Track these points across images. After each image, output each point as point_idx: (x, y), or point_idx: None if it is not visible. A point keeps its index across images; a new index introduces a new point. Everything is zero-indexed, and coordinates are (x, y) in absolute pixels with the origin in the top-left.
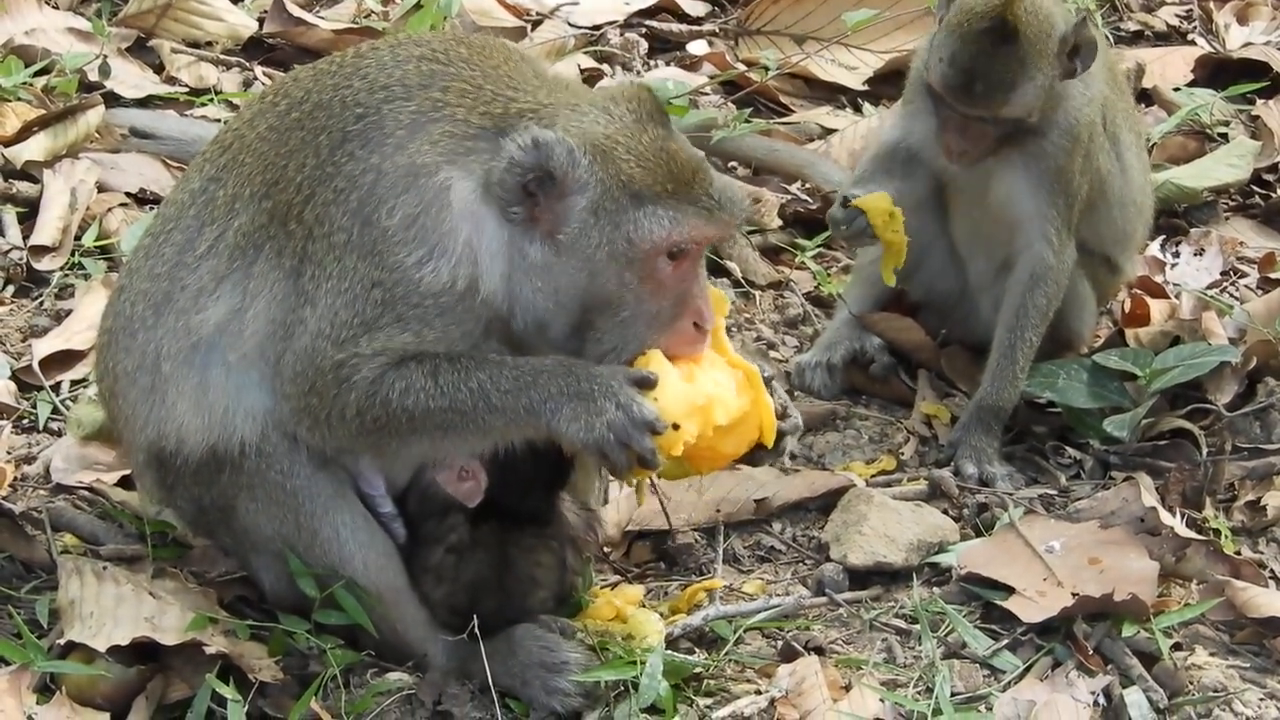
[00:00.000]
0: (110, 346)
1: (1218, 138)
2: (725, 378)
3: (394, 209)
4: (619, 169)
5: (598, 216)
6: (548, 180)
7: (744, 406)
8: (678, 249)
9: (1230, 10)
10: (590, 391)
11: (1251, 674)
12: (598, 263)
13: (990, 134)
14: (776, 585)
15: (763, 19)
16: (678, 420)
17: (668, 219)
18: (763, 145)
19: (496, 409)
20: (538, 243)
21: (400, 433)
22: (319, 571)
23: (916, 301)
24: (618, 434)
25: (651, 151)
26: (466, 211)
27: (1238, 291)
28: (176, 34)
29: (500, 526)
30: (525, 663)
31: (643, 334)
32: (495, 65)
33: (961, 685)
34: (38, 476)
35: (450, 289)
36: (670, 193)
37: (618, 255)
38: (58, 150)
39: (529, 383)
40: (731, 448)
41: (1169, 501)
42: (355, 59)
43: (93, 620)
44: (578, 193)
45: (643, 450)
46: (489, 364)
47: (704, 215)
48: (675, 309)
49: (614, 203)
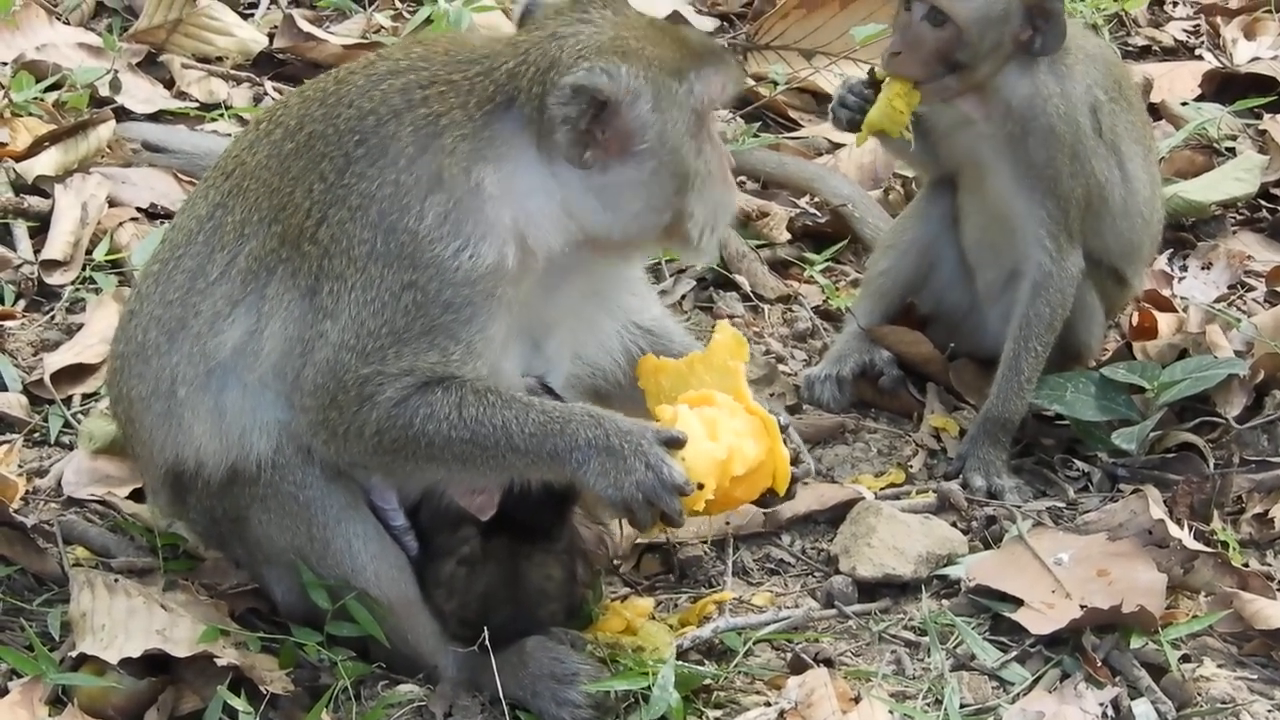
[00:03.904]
0: (123, 371)
1: (1225, 152)
2: (744, 426)
3: (423, 212)
4: (647, 58)
5: (661, 108)
6: (601, 111)
7: (759, 455)
8: (720, 101)
9: (1238, 25)
10: (620, 449)
11: (1259, 685)
12: (680, 145)
13: (928, 40)
14: (786, 597)
15: (771, 34)
16: (703, 479)
17: (712, 73)
18: (771, 159)
19: (519, 450)
20: (614, 168)
21: (417, 458)
22: (331, 583)
23: (925, 315)
24: (646, 494)
25: (652, 31)
26: (508, 194)
27: (1245, 305)
28: (187, 49)
29: (512, 540)
30: (536, 674)
31: (720, 191)
32: (445, 51)
33: (970, 697)
34: (49, 490)
35: (496, 269)
36: (693, 54)
37: (690, 129)
38: (69, 165)
39: (557, 429)
40: (743, 493)
41: (1177, 514)
42: (336, 87)
43: (104, 632)
44: (635, 101)
45: (670, 510)
46: (516, 404)
47: (724, 64)
48: (724, 159)
49: (665, 88)
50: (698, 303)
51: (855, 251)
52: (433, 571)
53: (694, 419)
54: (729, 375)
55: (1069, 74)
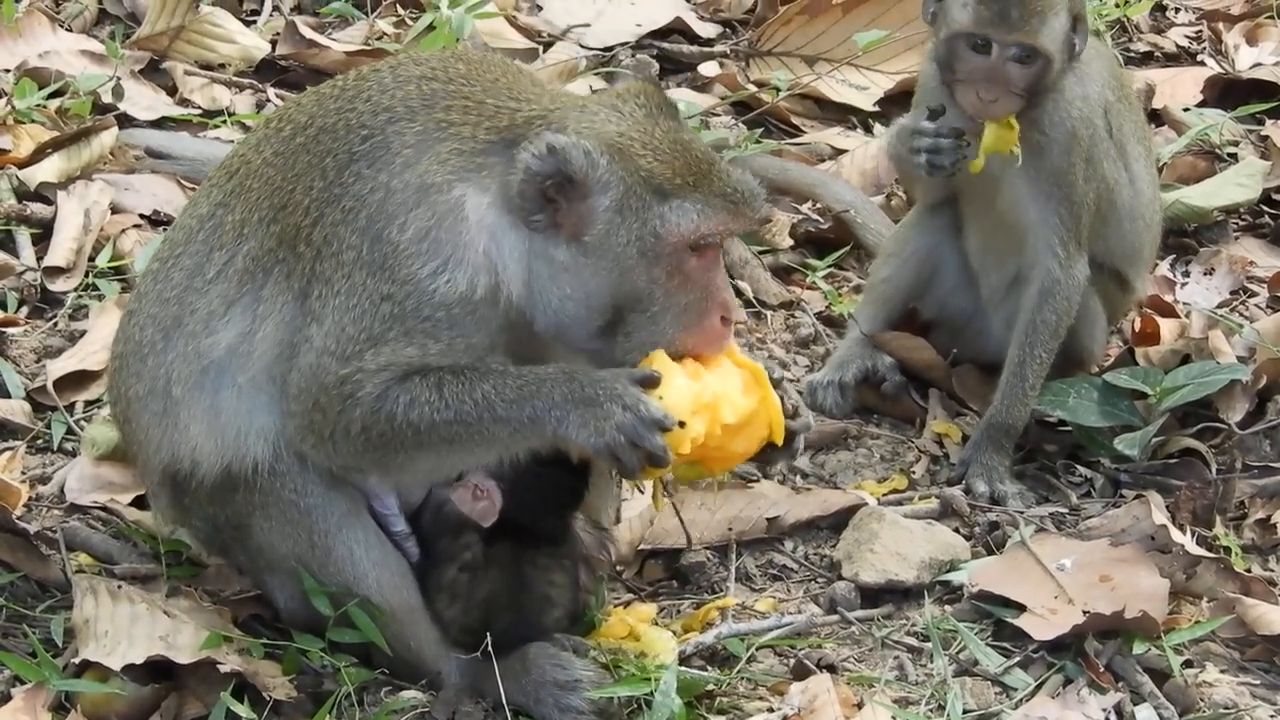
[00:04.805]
0: (121, 371)
1: (1227, 158)
2: (732, 376)
3: (405, 224)
4: (638, 165)
5: (623, 214)
6: (567, 184)
7: (752, 405)
8: (704, 241)
9: (1239, 31)
10: (595, 396)
11: (1262, 691)
12: (627, 260)
13: (1017, 78)
14: (789, 603)
15: (774, 40)
16: (685, 417)
17: (694, 211)
18: (774, 166)
19: (502, 419)
20: (563, 246)
21: (406, 448)
22: (333, 590)
23: (928, 320)
24: (627, 434)
25: (667, 144)
26: (483, 223)
27: (1248, 310)
28: (189, 56)
29: (514, 545)
30: (538, 681)
31: (672, 328)
32: (494, 79)
33: (973, 703)
34: (52, 496)
35: (467, 298)
36: (692, 185)
37: (646, 251)
38: (71, 172)
39: (533, 392)
40: (742, 446)
41: (1179, 519)
42: (357, 81)
43: (107, 639)
44: (600, 193)
45: (653, 448)
46: (493, 374)
47: (728, 207)
48: (702, 302)
49: (638, 199)
50: None
51: (858, 257)
52: (434, 577)
53: (670, 362)
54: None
55: (1088, 76)
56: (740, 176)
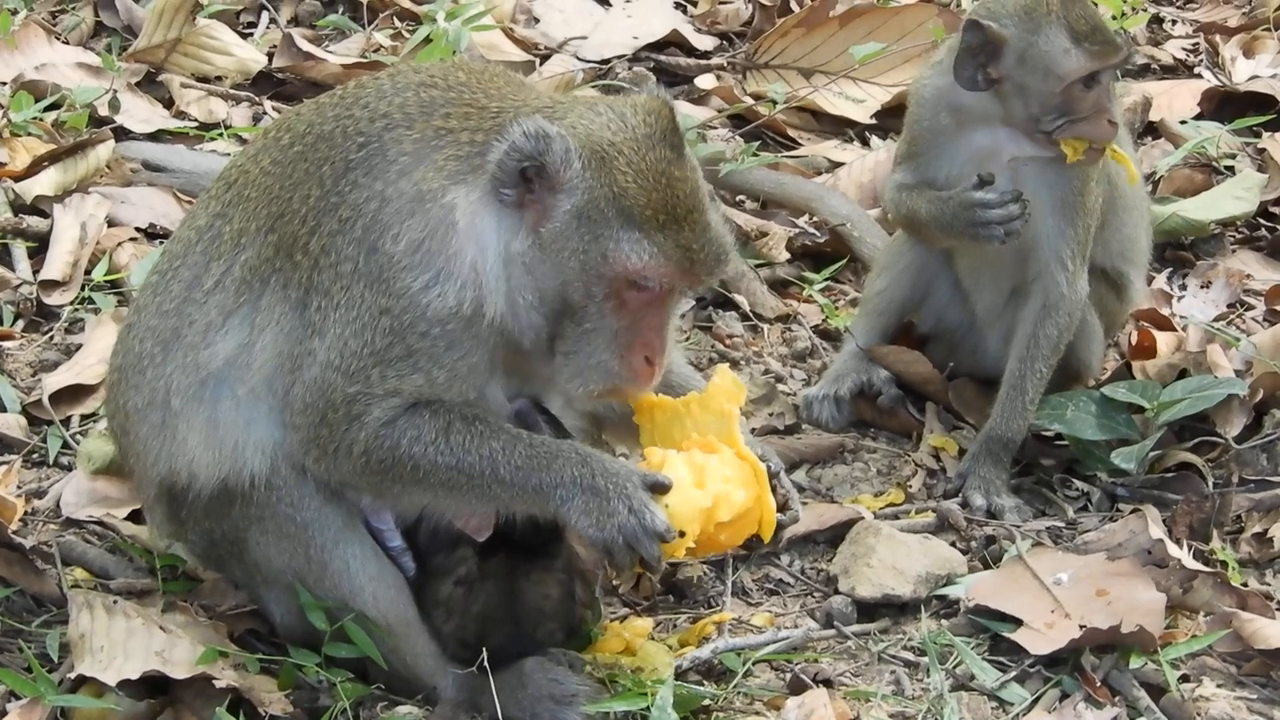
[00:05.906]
0: (120, 384)
1: (1224, 170)
2: (733, 473)
3: (399, 235)
4: (615, 180)
5: (580, 222)
6: (543, 171)
7: (747, 503)
8: (644, 283)
9: (1237, 44)
10: (605, 489)
11: (1259, 705)
12: (570, 269)
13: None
14: (785, 618)
15: (770, 53)
16: (686, 527)
17: (645, 251)
18: (771, 178)
19: (504, 481)
20: (523, 233)
21: (403, 480)
22: (329, 604)
23: (924, 334)
24: (627, 538)
25: (653, 172)
26: (471, 229)
27: (1244, 324)
28: (186, 69)
29: (509, 559)
30: (534, 695)
31: (601, 350)
32: (498, 87)
33: (970, 717)
34: (48, 511)
35: (456, 314)
36: (659, 225)
37: (589, 266)
38: (68, 185)
39: (543, 464)
40: (728, 539)
41: (1176, 533)
42: (356, 89)
43: (103, 654)
44: (565, 193)
45: (649, 556)
46: (504, 435)
47: (682, 261)
48: (631, 336)
49: (599, 214)
50: (697, 322)
51: (854, 271)
52: (430, 592)
53: (682, 464)
54: (724, 419)
55: None
56: (712, 236)
